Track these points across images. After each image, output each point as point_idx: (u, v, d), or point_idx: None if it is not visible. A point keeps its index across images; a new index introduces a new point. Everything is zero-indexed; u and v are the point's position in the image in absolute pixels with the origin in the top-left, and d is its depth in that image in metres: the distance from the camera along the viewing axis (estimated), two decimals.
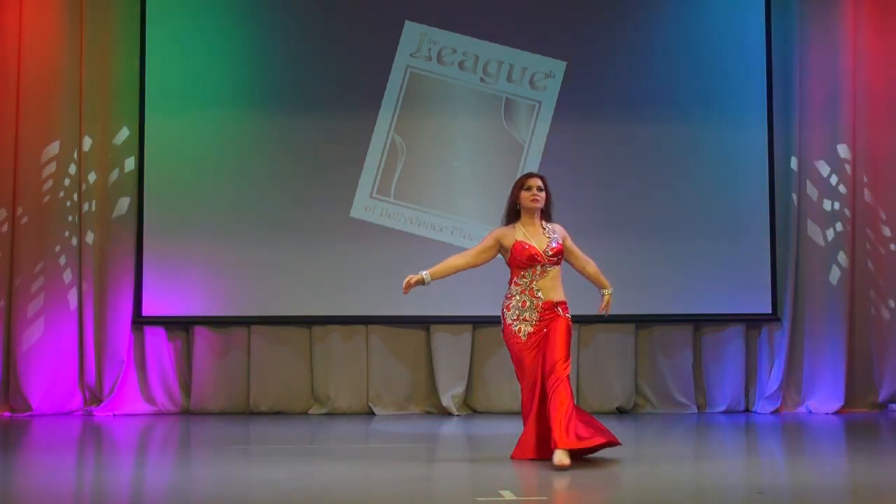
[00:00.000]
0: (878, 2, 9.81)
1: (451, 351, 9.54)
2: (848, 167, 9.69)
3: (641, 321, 9.68)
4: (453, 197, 9.60)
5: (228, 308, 9.45)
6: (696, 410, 9.63)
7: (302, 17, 9.63)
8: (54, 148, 9.33)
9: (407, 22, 9.64)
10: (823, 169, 9.73)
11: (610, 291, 7.01)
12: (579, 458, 6.43)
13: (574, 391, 9.56)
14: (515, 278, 6.75)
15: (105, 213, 9.42)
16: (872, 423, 8.98)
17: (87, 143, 9.38)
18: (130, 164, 9.46)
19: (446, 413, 9.43)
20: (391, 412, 9.50)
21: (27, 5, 9.33)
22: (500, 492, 5.60)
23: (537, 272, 6.71)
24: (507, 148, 9.62)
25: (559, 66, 9.68)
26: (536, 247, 6.69)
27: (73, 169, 9.37)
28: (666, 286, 9.59)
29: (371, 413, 9.51)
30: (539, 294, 6.69)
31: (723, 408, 9.66)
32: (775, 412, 9.56)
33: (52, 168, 9.33)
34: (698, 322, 9.75)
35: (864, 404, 9.71)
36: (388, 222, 9.54)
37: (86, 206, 9.36)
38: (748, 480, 6.18)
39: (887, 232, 9.75)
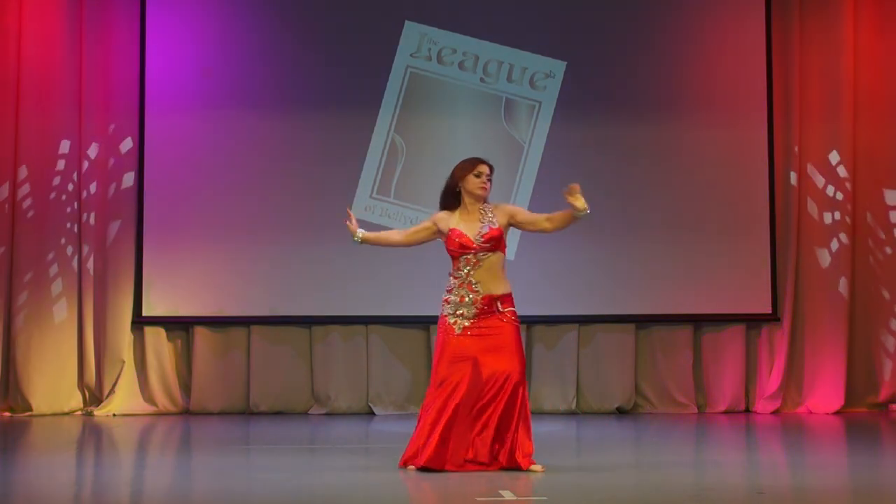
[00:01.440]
0: (879, 2, 9.80)
1: None
2: (848, 167, 9.68)
3: (641, 321, 9.67)
4: None
5: (228, 308, 9.45)
6: (696, 410, 9.63)
7: (302, 17, 9.63)
8: (54, 148, 9.32)
9: (407, 22, 9.64)
10: (824, 169, 9.72)
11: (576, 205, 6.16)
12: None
13: (575, 392, 9.62)
14: (452, 270, 6.34)
15: (105, 213, 9.42)
16: (872, 423, 8.98)
17: (87, 142, 9.38)
18: (130, 163, 9.46)
19: None
20: (391, 412, 9.50)
21: (27, 6, 9.33)
22: (500, 492, 5.60)
23: (471, 261, 6.25)
24: (507, 148, 9.62)
25: (559, 66, 9.67)
26: (468, 234, 6.27)
27: (73, 168, 9.36)
28: (666, 286, 9.58)
29: (371, 413, 9.51)
30: (477, 287, 6.24)
31: (723, 408, 9.66)
32: (775, 412, 9.55)
33: (51, 168, 9.33)
34: (698, 322, 9.75)
35: (864, 404, 9.70)
36: (388, 222, 9.53)
37: (85, 206, 9.35)
38: (748, 480, 6.18)
39: (889, 232, 9.74)
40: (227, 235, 9.44)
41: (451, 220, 6.38)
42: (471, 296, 6.26)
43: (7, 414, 9.22)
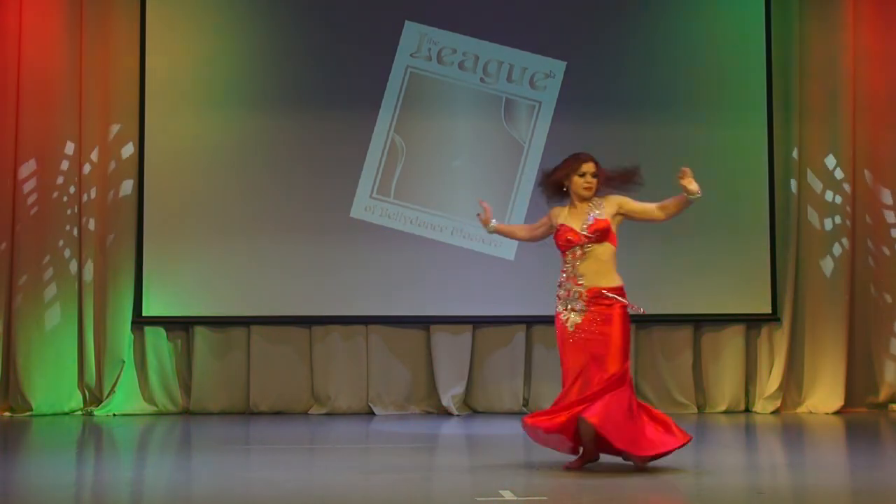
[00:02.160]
0: (878, 1, 9.80)
1: (451, 351, 9.54)
2: (848, 167, 9.68)
3: (641, 321, 9.66)
4: (453, 197, 9.59)
5: (228, 308, 9.45)
6: (696, 410, 9.63)
7: (302, 17, 9.62)
8: (54, 148, 9.33)
9: (407, 22, 9.64)
10: (823, 169, 9.72)
11: (689, 188, 6.36)
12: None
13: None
14: (561, 264, 6.38)
15: (104, 214, 9.42)
16: (872, 423, 8.98)
17: (87, 143, 9.38)
18: (130, 163, 9.46)
19: (446, 413, 9.43)
20: (391, 412, 9.50)
21: (27, 6, 9.33)
22: (500, 492, 5.61)
23: (577, 254, 6.30)
24: (507, 148, 9.62)
25: (559, 66, 9.68)
26: (574, 227, 6.32)
27: (73, 168, 9.36)
28: (666, 286, 9.58)
29: (371, 413, 9.51)
30: (581, 281, 6.26)
31: (723, 408, 9.66)
32: (775, 412, 9.55)
33: (52, 167, 9.32)
34: (698, 322, 9.75)
35: (864, 404, 9.70)
36: (388, 222, 9.54)
37: (85, 207, 9.35)
38: (748, 480, 6.18)
39: (888, 232, 9.74)
40: (227, 235, 9.44)
41: (561, 216, 6.45)
42: (576, 290, 6.26)
43: (7, 414, 9.22)
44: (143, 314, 9.39)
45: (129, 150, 9.47)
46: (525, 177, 9.59)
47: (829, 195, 9.70)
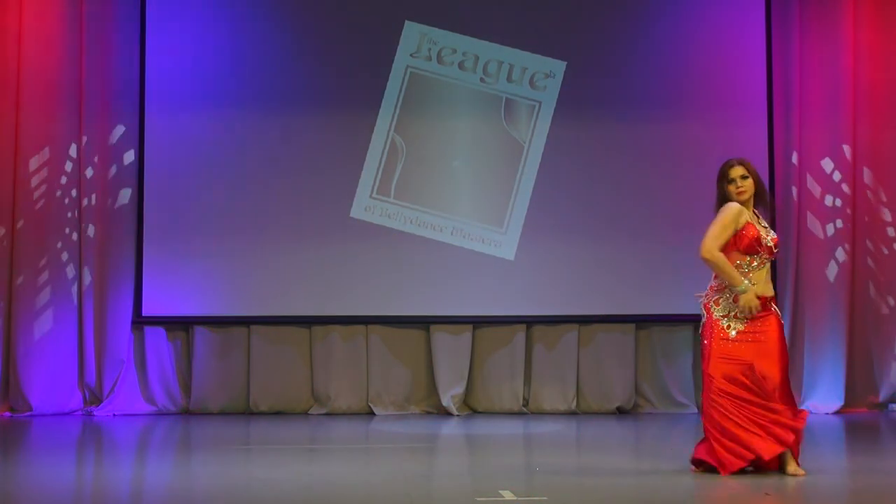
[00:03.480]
0: (878, 1, 9.79)
1: (451, 351, 9.54)
2: (848, 166, 9.67)
3: (641, 321, 9.68)
4: (453, 197, 9.60)
5: (228, 308, 9.45)
6: (696, 410, 9.61)
7: (302, 17, 9.62)
8: (54, 147, 9.33)
9: (407, 22, 9.64)
10: (824, 168, 9.71)
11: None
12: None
13: (575, 392, 9.62)
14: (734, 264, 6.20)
15: (105, 213, 9.42)
16: (872, 423, 8.98)
17: (87, 143, 9.38)
18: (130, 163, 9.46)
19: (446, 413, 9.43)
20: (391, 412, 9.50)
21: (27, 6, 9.33)
22: (500, 492, 5.61)
23: (755, 262, 6.17)
24: (507, 148, 9.62)
25: (559, 66, 9.67)
26: (763, 234, 6.15)
27: (73, 168, 9.37)
28: (666, 286, 9.58)
29: (371, 413, 9.51)
30: (754, 286, 6.13)
31: None
32: None
33: (52, 167, 9.33)
34: (698, 322, 9.72)
35: (864, 404, 9.70)
36: (388, 222, 9.54)
37: (86, 206, 9.35)
38: (748, 480, 6.18)
39: (888, 232, 9.74)
40: (227, 235, 9.44)
41: (745, 215, 6.19)
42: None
43: (7, 414, 9.22)
44: (143, 314, 9.39)
45: (129, 149, 9.46)
46: (525, 177, 9.59)
47: (830, 191, 9.67)
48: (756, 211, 6.32)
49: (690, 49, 9.75)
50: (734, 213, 6.18)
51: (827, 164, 9.70)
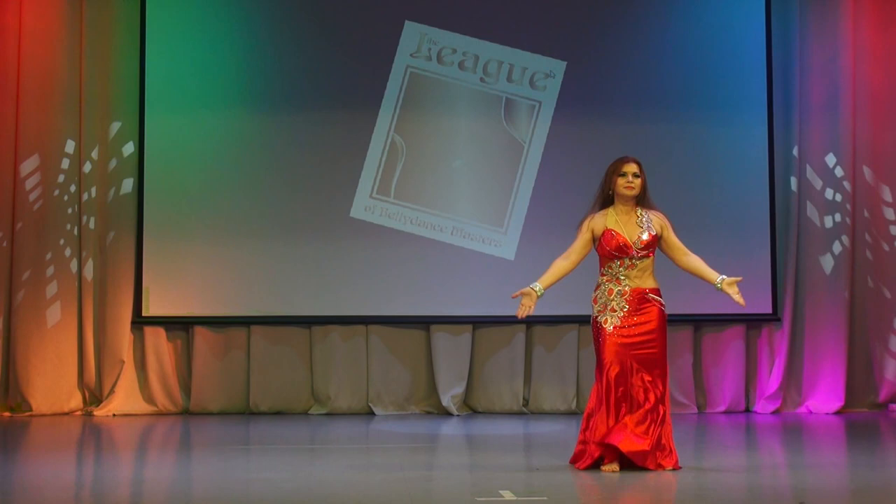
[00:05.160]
0: (878, 0, 9.79)
1: (451, 351, 9.54)
2: (848, 166, 9.67)
3: None
4: (453, 197, 9.60)
5: (228, 308, 9.45)
6: (696, 410, 9.62)
7: (302, 17, 9.62)
8: (54, 148, 9.33)
9: (407, 22, 9.64)
10: (824, 168, 9.71)
11: (722, 278, 6.42)
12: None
13: (575, 392, 9.62)
14: (602, 268, 6.40)
15: (104, 213, 9.42)
16: (872, 423, 8.98)
17: (87, 143, 9.37)
18: (130, 163, 9.46)
19: (446, 413, 9.43)
20: (391, 412, 9.50)
21: (27, 5, 9.33)
22: (500, 492, 5.61)
23: (625, 264, 6.36)
24: (507, 148, 9.62)
25: (559, 66, 9.67)
26: (627, 237, 6.33)
27: (73, 168, 9.37)
28: (666, 286, 9.53)
29: (371, 413, 9.51)
30: (625, 282, 6.35)
31: (723, 408, 9.65)
32: (775, 412, 9.55)
33: (52, 167, 9.33)
34: (698, 322, 9.74)
35: (864, 404, 9.70)
36: (388, 222, 9.54)
37: (85, 206, 9.36)
38: (748, 481, 6.18)
39: (889, 231, 9.74)
40: (227, 235, 9.44)
41: (605, 221, 6.38)
42: (618, 288, 6.34)
43: (7, 414, 9.22)
44: (143, 314, 9.39)
45: (129, 149, 9.47)
46: (525, 177, 9.59)
47: (829, 192, 9.68)
48: (640, 209, 6.44)
49: (690, 49, 9.75)
50: (587, 227, 6.42)
51: (825, 166, 9.69)
